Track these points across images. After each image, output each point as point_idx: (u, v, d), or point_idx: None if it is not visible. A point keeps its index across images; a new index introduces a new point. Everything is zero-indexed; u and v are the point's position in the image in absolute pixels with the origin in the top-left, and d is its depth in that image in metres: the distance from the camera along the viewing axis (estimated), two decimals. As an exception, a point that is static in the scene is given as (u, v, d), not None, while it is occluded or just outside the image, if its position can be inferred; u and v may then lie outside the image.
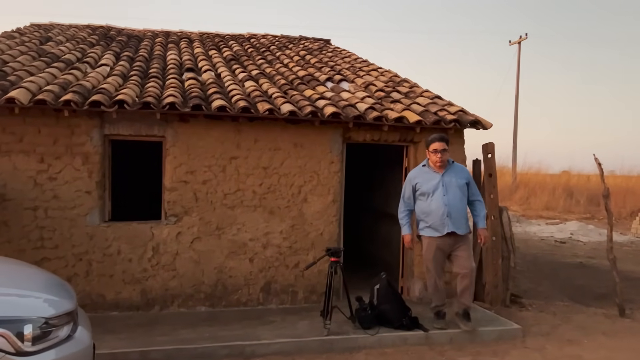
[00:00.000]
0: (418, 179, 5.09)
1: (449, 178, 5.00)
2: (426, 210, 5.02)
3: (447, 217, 4.91)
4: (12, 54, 6.78)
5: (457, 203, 4.96)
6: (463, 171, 5.17)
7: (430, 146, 4.98)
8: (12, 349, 2.36)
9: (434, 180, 5.00)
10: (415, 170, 5.24)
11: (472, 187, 5.14)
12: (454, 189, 4.97)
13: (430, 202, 4.98)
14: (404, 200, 5.22)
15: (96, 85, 5.71)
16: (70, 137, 5.34)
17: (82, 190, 5.39)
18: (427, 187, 4.99)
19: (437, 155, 4.93)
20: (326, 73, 7.85)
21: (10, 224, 5.22)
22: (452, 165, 5.11)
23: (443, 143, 4.94)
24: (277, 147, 5.95)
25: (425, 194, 5.01)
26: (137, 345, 4.59)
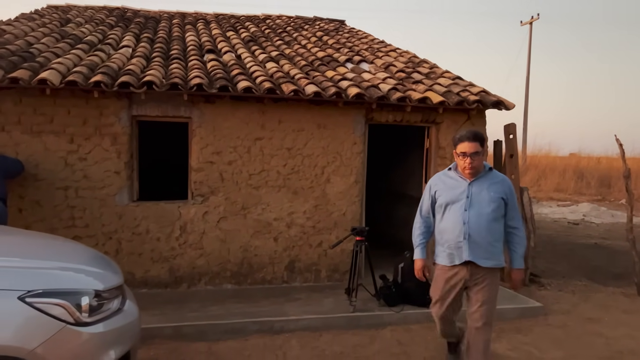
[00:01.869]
0: (438, 187, 3.64)
1: (479, 189, 3.47)
2: (441, 228, 3.58)
3: (465, 239, 3.41)
4: (35, 36, 6.84)
5: (484, 223, 3.41)
6: (502, 182, 3.54)
7: (458, 147, 3.48)
8: (72, 319, 2.46)
9: (457, 188, 3.52)
10: (437, 175, 3.76)
11: (510, 207, 3.52)
12: (484, 204, 3.43)
13: (447, 216, 3.53)
14: (420, 214, 3.76)
15: (122, 67, 5.77)
16: (99, 118, 5.42)
17: (111, 171, 5.48)
18: (448, 196, 3.53)
19: (466, 160, 3.42)
20: (345, 54, 7.86)
21: (43, 203, 5.33)
22: (489, 174, 3.55)
23: (476, 144, 3.41)
24: (301, 128, 6.00)
25: (443, 205, 3.55)
26: (170, 320, 4.72)
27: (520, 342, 4.71)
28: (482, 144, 3.45)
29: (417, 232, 3.74)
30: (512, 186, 3.56)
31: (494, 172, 3.57)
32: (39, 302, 2.34)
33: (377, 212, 9.13)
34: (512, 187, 3.56)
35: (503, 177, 3.60)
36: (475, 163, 3.41)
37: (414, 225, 3.77)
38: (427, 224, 3.71)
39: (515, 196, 3.57)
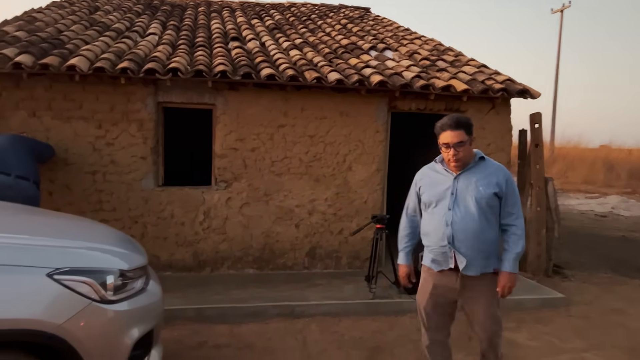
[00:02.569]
0: (423, 182, 3.14)
1: (466, 183, 2.94)
2: (424, 230, 3.10)
3: (450, 243, 2.91)
4: (65, 23, 6.99)
5: (472, 224, 2.89)
6: (496, 173, 2.97)
7: (440, 137, 2.96)
8: (97, 297, 2.54)
9: (442, 184, 3.01)
10: (423, 169, 3.24)
11: (508, 201, 2.97)
12: (471, 200, 2.91)
13: (431, 217, 3.04)
14: (406, 213, 3.29)
15: (148, 54, 5.87)
16: (126, 104, 5.53)
17: (138, 156, 5.61)
18: (431, 194, 3.03)
19: (449, 151, 2.91)
20: (369, 42, 7.83)
21: (72, 187, 5.49)
22: (480, 164, 3.01)
23: (459, 132, 2.89)
24: (324, 116, 6.02)
25: (427, 204, 3.08)
26: (193, 302, 4.84)
27: (540, 332, 4.68)
28: (468, 132, 2.88)
29: (402, 234, 3.25)
30: (510, 177, 2.97)
31: (487, 162, 3.01)
32: (66, 279, 2.43)
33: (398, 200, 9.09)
34: (510, 179, 2.97)
35: (498, 166, 3.01)
36: (461, 154, 2.87)
37: (400, 226, 3.27)
38: (414, 225, 3.22)
39: (514, 189, 2.97)
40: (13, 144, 4.69)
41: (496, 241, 2.98)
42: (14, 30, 6.14)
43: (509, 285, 2.95)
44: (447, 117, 2.91)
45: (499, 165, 3.03)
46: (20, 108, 5.35)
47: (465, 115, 6.28)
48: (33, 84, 5.33)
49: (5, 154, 4.52)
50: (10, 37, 5.83)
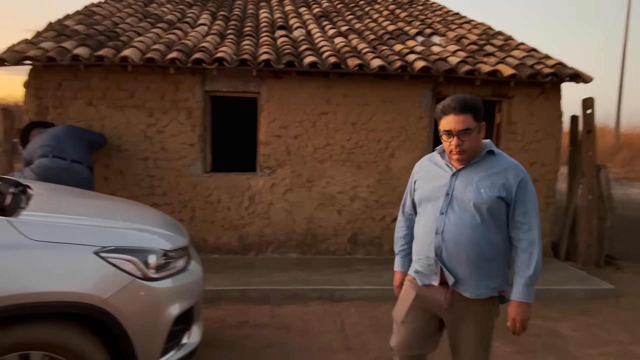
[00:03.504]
0: (419, 175, 2.61)
1: (465, 182, 2.36)
2: (415, 232, 2.56)
3: (437, 256, 2.35)
4: (121, 16, 7.31)
5: (467, 233, 2.31)
6: (506, 173, 2.35)
7: (441, 122, 2.37)
8: (140, 274, 2.72)
9: (438, 180, 2.46)
10: (423, 159, 2.67)
11: (517, 209, 2.35)
12: (469, 204, 2.33)
13: (422, 219, 2.50)
14: (402, 211, 2.76)
15: (197, 44, 6.07)
16: (175, 93, 5.77)
17: (186, 143, 5.84)
18: (425, 190, 2.50)
19: (451, 140, 2.32)
20: (416, 27, 7.74)
21: (125, 172, 5.80)
22: (487, 159, 2.40)
23: (466, 117, 2.28)
24: (366, 103, 6.04)
25: (419, 203, 2.55)
26: (237, 284, 5.03)
27: (586, 322, 4.57)
28: (476, 116, 2.28)
29: (398, 235, 2.75)
30: (525, 179, 2.33)
31: (498, 157, 2.38)
32: (112, 257, 2.61)
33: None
34: (524, 181, 2.33)
35: (510, 163, 2.36)
36: (466, 145, 2.28)
37: (396, 226, 2.79)
38: (411, 225, 2.65)
39: (529, 194, 2.33)
40: (68, 132, 5.01)
41: (501, 256, 2.37)
42: (74, 24, 6.49)
43: (520, 319, 2.32)
44: (450, 98, 2.30)
45: (512, 162, 2.38)
46: (78, 98, 5.69)
47: (513, 100, 6.16)
48: (89, 75, 5.65)
49: (61, 141, 4.84)
50: (70, 30, 6.18)
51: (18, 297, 2.37)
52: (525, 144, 6.26)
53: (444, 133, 2.32)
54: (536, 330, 4.32)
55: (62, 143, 4.80)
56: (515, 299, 2.33)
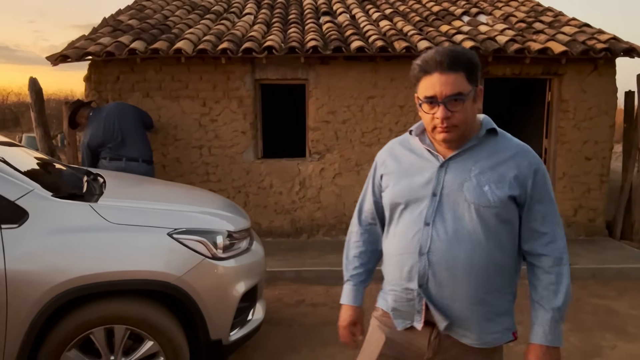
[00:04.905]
0: (386, 167, 1.78)
1: (460, 175, 1.60)
2: (385, 252, 1.80)
3: (422, 287, 1.60)
4: (170, 9, 7.55)
5: (467, 253, 1.56)
6: (516, 160, 1.60)
7: (420, 85, 1.58)
8: (209, 254, 2.90)
9: (418, 174, 1.67)
10: (390, 144, 1.85)
11: (535, 211, 1.60)
12: (468, 209, 1.57)
13: (395, 232, 1.72)
14: (359, 217, 1.94)
15: (245, 34, 6.22)
16: (226, 82, 5.95)
17: (238, 131, 6.03)
18: (398, 190, 1.70)
19: (435, 112, 1.54)
20: (462, 7, 7.64)
21: (182, 160, 6.05)
22: (488, 142, 1.65)
23: (456, 76, 1.52)
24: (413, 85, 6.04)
25: (391, 208, 1.73)
26: (292, 265, 5.21)
27: (644, 302, 4.52)
28: (471, 77, 1.54)
29: (351, 253, 1.92)
30: (541, 167, 1.61)
31: (503, 138, 1.66)
32: (183, 238, 2.80)
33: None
34: (541, 170, 1.60)
35: (521, 147, 1.63)
36: (457, 118, 1.53)
37: (348, 238, 1.95)
38: (371, 239, 1.89)
39: (549, 190, 1.62)
40: (121, 117, 5.09)
41: (515, 281, 1.67)
42: (127, 19, 6.75)
43: None
44: (434, 50, 1.56)
45: (522, 145, 1.64)
46: (136, 90, 5.95)
47: (564, 78, 6.04)
48: (145, 68, 5.89)
49: (116, 132, 4.99)
50: (125, 25, 6.44)
51: (102, 276, 2.59)
52: (578, 122, 6.14)
53: (424, 101, 1.55)
54: (592, 308, 4.31)
55: (116, 135, 4.98)
56: (539, 343, 1.57)
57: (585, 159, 6.18)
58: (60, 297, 2.49)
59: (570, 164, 6.19)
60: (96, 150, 5.06)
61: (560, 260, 1.59)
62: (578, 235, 6.26)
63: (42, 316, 2.47)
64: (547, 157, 6.38)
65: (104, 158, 5.03)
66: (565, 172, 6.20)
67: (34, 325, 2.47)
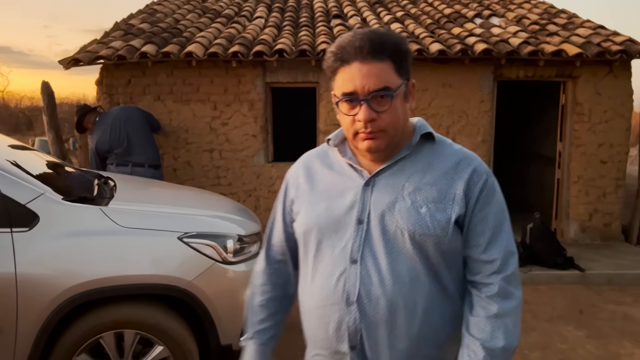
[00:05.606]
0: (298, 187, 1.39)
1: (391, 193, 1.23)
2: (303, 301, 1.35)
3: (355, 349, 1.23)
4: (181, 13, 7.57)
5: (407, 296, 1.20)
6: (458, 172, 1.23)
7: (336, 78, 1.22)
8: (220, 258, 2.87)
9: (339, 195, 1.29)
10: (308, 156, 1.44)
11: (480, 231, 1.22)
12: (403, 238, 1.20)
13: (313, 273, 1.30)
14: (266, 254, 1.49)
15: (256, 37, 6.21)
16: (237, 86, 5.94)
17: (249, 134, 6.02)
18: (315, 215, 1.30)
19: (354, 112, 1.19)
20: (474, 9, 7.59)
21: (193, 163, 6.04)
22: (424, 150, 1.28)
23: (382, 64, 1.17)
24: (425, 88, 6.01)
25: (305, 240, 1.33)
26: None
27: (662, 308, 4.42)
28: (400, 67, 1.21)
29: (256, 300, 1.49)
30: (491, 177, 1.27)
31: (442, 145, 1.31)
32: (194, 242, 2.78)
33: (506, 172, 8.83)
34: (491, 181, 1.26)
35: (464, 154, 1.29)
36: (385, 120, 1.20)
37: (253, 280, 1.52)
38: (281, 279, 1.49)
39: (499, 203, 1.27)
40: (127, 121, 5.03)
41: (457, 327, 1.27)
42: (139, 23, 6.78)
43: None
44: (352, 33, 1.22)
45: (464, 152, 1.29)
46: (147, 93, 5.96)
47: (578, 80, 5.96)
48: (157, 71, 5.90)
49: (122, 138, 4.95)
50: (136, 29, 6.46)
51: (112, 280, 2.57)
52: (593, 124, 6.05)
53: (342, 99, 1.21)
54: (609, 314, 4.22)
55: (122, 141, 4.95)
56: None
57: (601, 163, 6.09)
58: (70, 301, 2.48)
59: (585, 167, 6.10)
60: (104, 155, 5.06)
61: (510, 294, 1.20)
62: (593, 240, 6.16)
63: (52, 320, 2.46)
64: (562, 161, 6.30)
65: (110, 164, 5.03)
66: (580, 176, 6.11)
67: (44, 330, 2.45)
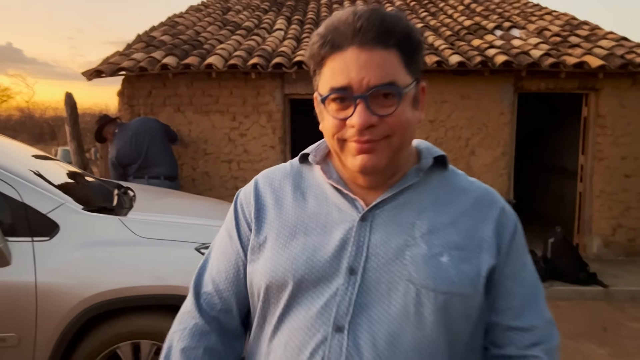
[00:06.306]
0: (262, 212, 0.98)
1: (398, 235, 0.88)
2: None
3: None
4: (202, 25, 7.67)
5: None
6: (484, 207, 0.94)
7: (323, 68, 0.87)
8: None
9: (321, 232, 0.91)
10: (269, 175, 1.03)
11: (513, 294, 0.91)
12: (412, 294, 0.85)
13: (275, 337, 0.91)
14: (193, 291, 1.06)
15: (275, 49, 6.25)
16: (256, 97, 5.98)
17: (267, 145, 6.04)
18: (284, 260, 0.90)
19: (345, 113, 0.85)
20: (494, 21, 7.55)
21: (211, 174, 6.08)
22: (435, 179, 0.97)
23: (387, 53, 0.83)
24: (444, 100, 5.98)
25: (269, 292, 0.92)
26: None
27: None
28: (409, 60, 0.87)
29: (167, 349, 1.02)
30: (518, 222, 0.95)
31: (454, 176, 1.01)
32: (211, 253, 2.78)
33: (527, 185, 8.73)
34: (519, 228, 0.94)
35: (484, 189, 0.98)
36: (389, 126, 0.85)
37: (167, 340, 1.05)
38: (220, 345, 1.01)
39: (527, 254, 0.96)
40: (146, 134, 5.07)
41: None
42: (160, 35, 6.88)
43: None
44: (349, 11, 0.87)
45: (482, 186, 1.00)
46: (167, 104, 6.03)
47: (601, 93, 5.88)
48: (177, 83, 5.97)
49: (139, 149, 4.99)
50: (158, 41, 6.56)
51: (129, 290, 2.58)
52: (616, 137, 5.94)
53: (330, 95, 0.87)
54: (633, 332, 4.11)
55: (141, 154, 4.99)
56: None
57: (624, 176, 5.97)
58: (88, 311, 2.49)
59: (608, 181, 5.99)
60: (123, 166, 5.12)
61: None
62: (617, 255, 6.02)
63: (70, 330, 2.47)
64: (584, 174, 6.19)
65: (128, 176, 5.10)
66: (603, 190, 6.00)
67: (62, 340, 2.47)
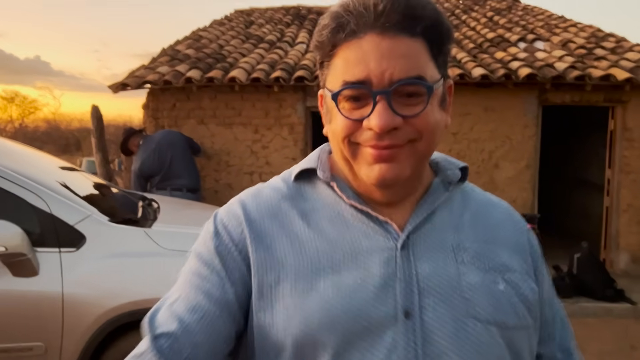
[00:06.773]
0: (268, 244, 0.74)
1: (446, 262, 0.72)
2: None
3: None
4: (225, 39, 7.78)
5: None
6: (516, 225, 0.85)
7: (334, 59, 0.70)
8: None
9: (354, 267, 0.70)
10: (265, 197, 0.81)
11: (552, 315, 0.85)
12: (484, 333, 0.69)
13: None
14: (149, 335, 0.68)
15: (298, 62, 6.30)
16: (278, 110, 6.02)
17: (289, 157, 6.07)
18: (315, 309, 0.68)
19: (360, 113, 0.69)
20: (517, 33, 7.49)
21: (234, 186, 6.12)
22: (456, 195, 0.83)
23: (413, 42, 0.67)
24: (467, 112, 5.94)
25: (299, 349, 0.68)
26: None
27: None
28: (438, 53, 0.71)
29: None
30: (536, 240, 0.88)
31: (470, 189, 0.90)
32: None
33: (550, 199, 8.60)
34: (537, 244, 0.87)
35: (505, 204, 0.92)
36: (417, 127, 0.69)
37: None
38: None
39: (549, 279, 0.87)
40: (170, 147, 5.14)
41: None
42: (185, 49, 6.99)
43: None
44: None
45: (502, 201, 0.93)
46: (191, 117, 6.11)
47: (628, 105, 5.78)
48: (201, 95, 6.05)
49: (164, 161, 5.05)
50: (182, 54, 6.67)
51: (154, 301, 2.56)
52: (644, 151, 5.83)
53: (344, 90, 0.69)
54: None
55: (165, 166, 5.05)
56: None
57: (652, 191, 5.84)
58: (113, 321, 2.51)
59: (635, 195, 5.86)
60: (146, 178, 5.19)
61: None
62: (646, 271, 5.87)
63: (95, 340, 2.49)
64: (611, 188, 6.07)
65: (151, 187, 5.16)
66: (630, 204, 5.87)
67: (87, 349, 2.49)
